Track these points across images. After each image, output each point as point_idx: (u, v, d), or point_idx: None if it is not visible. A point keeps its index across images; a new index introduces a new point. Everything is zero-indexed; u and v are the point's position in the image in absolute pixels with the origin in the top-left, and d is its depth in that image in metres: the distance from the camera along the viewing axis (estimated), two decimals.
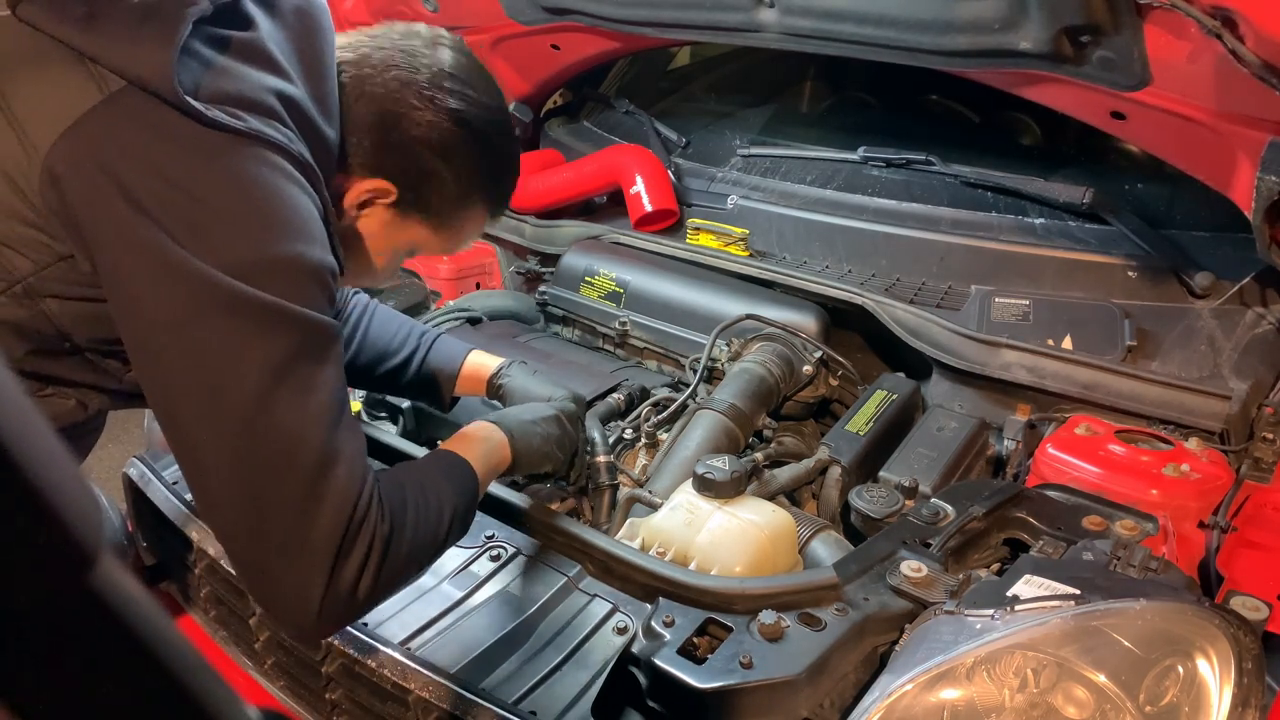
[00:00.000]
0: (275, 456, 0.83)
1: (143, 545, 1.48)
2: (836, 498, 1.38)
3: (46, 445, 0.28)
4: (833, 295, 1.69)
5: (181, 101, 0.83)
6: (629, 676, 1.00)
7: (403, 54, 1.07)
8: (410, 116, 1.05)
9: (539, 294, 1.96)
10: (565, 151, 2.26)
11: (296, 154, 0.90)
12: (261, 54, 0.92)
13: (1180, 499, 1.21)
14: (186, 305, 0.82)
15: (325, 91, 0.99)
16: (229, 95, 0.87)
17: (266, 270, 0.84)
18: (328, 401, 0.86)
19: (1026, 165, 1.86)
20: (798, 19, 1.60)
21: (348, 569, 0.85)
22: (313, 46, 1.00)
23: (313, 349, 0.86)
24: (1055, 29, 1.34)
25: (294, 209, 0.88)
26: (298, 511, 0.83)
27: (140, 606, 0.30)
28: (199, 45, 0.87)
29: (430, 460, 1.07)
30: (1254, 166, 1.30)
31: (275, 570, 0.84)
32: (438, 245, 1.18)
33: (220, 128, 0.85)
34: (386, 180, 1.07)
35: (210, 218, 0.83)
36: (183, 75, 0.84)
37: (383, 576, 0.88)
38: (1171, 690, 0.83)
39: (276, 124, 0.90)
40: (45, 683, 0.29)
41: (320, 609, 0.84)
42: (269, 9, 0.98)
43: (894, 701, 0.87)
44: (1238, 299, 1.53)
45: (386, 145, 1.06)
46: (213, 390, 0.82)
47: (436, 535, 0.96)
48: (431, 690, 1.01)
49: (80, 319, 0.94)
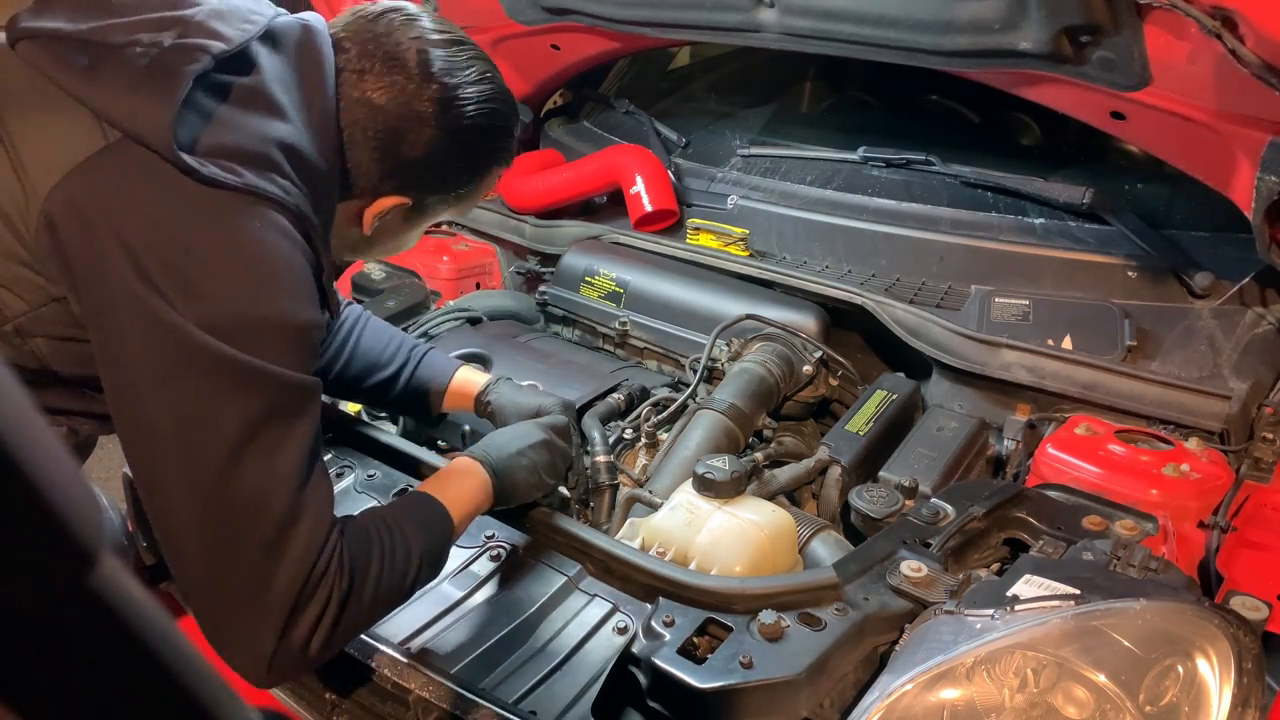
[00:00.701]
0: (240, 513, 0.84)
1: (143, 545, 1.48)
2: (836, 498, 1.38)
3: (46, 445, 0.28)
4: (833, 295, 1.69)
5: (178, 160, 0.84)
6: (629, 676, 1.00)
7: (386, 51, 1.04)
8: (413, 132, 1.06)
9: (539, 294, 1.96)
10: (565, 151, 2.26)
11: (292, 208, 0.92)
12: (263, 99, 0.93)
13: (1180, 499, 1.21)
14: (167, 361, 0.83)
15: (325, 122, 1.00)
16: (226, 149, 0.88)
17: (249, 330, 0.85)
18: (298, 460, 0.87)
19: (1026, 165, 1.86)
20: (798, 19, 1.60)
21: (301, 626, 0.87)
22: (314, 77, 1.00)
23: (287, 408, 0.87)
24: (1055, 29, 1.34)
25: (285, 266, 0.90)
26: (257, 567, 0.85)
27: (140, 606, 0.30)
28: (199, 95, 0.88)
29: (403, 504, 1.07)
30: (1254, 166, 1.30)
31: (229, 621, 0.86)
32: (458, 212, 1.23)
33: (216, 185, 0.86)
34: (400, 195, 1.10)
35: (200, 274, 0.84)
36: (181, 130, 0.85)
37: (337, 632, 0.90)
38: (1171, 690, 0.83)
39: (273, 175, 0.91)
40: (45, 683, 0.29)
41: (270, 663, 0.86)
42: (272, 44, 0.99)
43: (894, 701, 0.87)
44: (1238, 299, 1.53)
45: (394, 165, 1.07)
46: (185, 445, 0.84)
47: (402, 584, 0.97)
48: (431, 690, 1.01)
49: (68, 358, 0.95)
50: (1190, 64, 1.27)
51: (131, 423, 0.86)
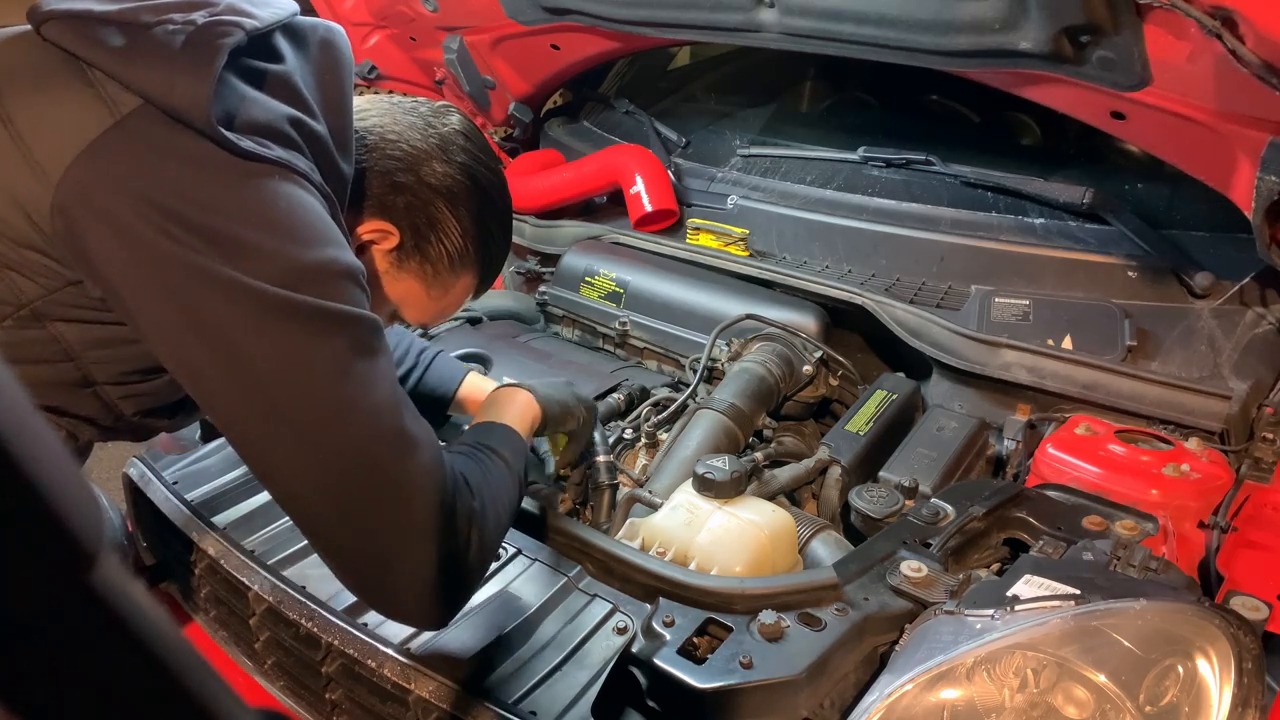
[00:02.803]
0: (358, 457, 0.83)
1: (143, 545, 1.48)
2: (836, 498, 1.38)
3: (46, 445, 0.28)
4: (833, 295, 1.69)
5: (215, 133, 0.84)
6: (629, 676, 1.00)
7: (415, 114, 1.12)
8: (425, 164, 1.09)
9: (539, 294, 1.96)
10: (565, 151, 2.26)
11: (318, 183, 0.93)
12: (289, 89, 0.95)
13: (1180, 499, 1.21)
14: (244, 321, 0.82)
15: (344, 127, 1.01)
16: (257, 125, 0.89)
17: (309, 276, 0.84)
18: (390, 391, 0.87)
19: (1026, 165, 1.86)
20: (798, 19, 1.60)
21: (455, 550, 0.87)
22: (335, 81, 1.02)
23: (366, 344, 0.87)
24: (1055, 29, 1.34)
25: (321, 219, 0.90)
26: (393, 507, 0.84)
27: (140, 606, 0.30)
28: (230, 75, 0.89)
29: (481, 431, 1.09)
30: (1254, 166, 1.30)
31: (387, 572, 0.85)
32: (424, 307, 1.19)
33: (249, 156, 0.86)
34: (390, 223, 1.09)
35: (245, 233, 0.84)
36: (215, 105, 0.85)
37: (485, 548, 0.92)
38: (1171, 690, 0.83)
39: (298, 154, 0.92)
40: (45, 683, 0.29)
41: (440, 595, 0.87)
42: (296, 41, 1.00)
43: (894, 701, 0.87)
44: (1238, 299, 1.53)
45: (397, 187, 1.08)
46: (284, 401, 0.82)
47: (513, 500, 1.02)
48: (431, 690, 1.01)
49: (89, 342, 0.95)
50: (1190, 64, 1.27)
51: (219, 398, 0.84)
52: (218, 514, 1.31)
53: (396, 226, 1.09)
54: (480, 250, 1.16)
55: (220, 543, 1.25)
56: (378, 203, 1.08)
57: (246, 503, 1.34)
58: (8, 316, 0.91)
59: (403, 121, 1.11)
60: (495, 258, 1.20)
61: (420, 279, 1.14)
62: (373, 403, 0.84)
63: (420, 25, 2.20)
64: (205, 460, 1.42)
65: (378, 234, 1.09)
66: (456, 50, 2.19)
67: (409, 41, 2.30)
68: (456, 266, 1.15)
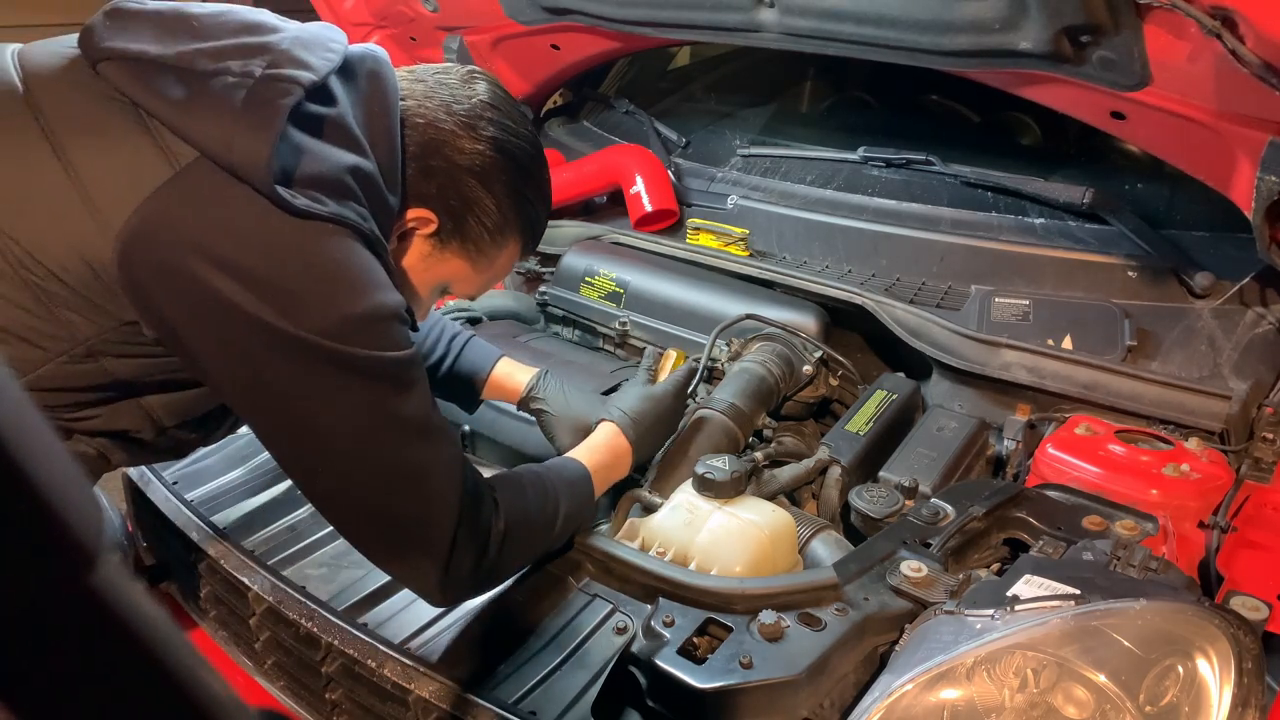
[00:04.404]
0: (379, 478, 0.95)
1: (143, 545, 1.48)
2: (836, 498, 1.37)
3: (46, 445, 0.28)
4: (833, 295, 1.69)
5: (274, 194, 0.86)
6: (629, 676, 1.00)
7: (443, 87, 1.10)
8: (453, 144, 1.07)
9: (539, 294, 1.96)
10: (565, 151, 2.26)
11: (368, 232, 0.95)
12: (345, 132, 0.96)
13: (1180, 499, 1.21)
14: (291, 367, 0.90)
15: (392, 158, 1.02)
16: (312, 179, 0.91)
17: (355, 327, 0.90)
18: (419, 422, 0.97)
19: (1026, 165, 1.86)
20: (798, 19, 1.60)
21: (464, 559, 0.98)
22: (383, 115, 1.02)
23: (403, 383, 0.95)
24: (1055, 29, 1.33)
25: (367, 267, 0.94)
26: (409, 517, 0.96)
27: (140, 606, 0.30)
28: (288, 126, 0.89)
29: (551, 463, 1.19)
30: (1254, 166, 1.30)
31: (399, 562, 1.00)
32: (472, 281, 1.20)
33: (304, 214, 0.88)
34: (428, 209, 1.09)
35: (297, 287, 0.88)
36: (274, 163, 0.86)
37: (501, 561, 1.03)
38: (1171, 690, 0.83)
39: (351, 204, 0.94)
40: (45, 683, 0.29)
41: (442, 591, 0.99)
42: (346, 77, 1.01)
43: (894, 701, 0.87)
44: (1238, 299, 1.53)
45: (429, 171, 1.07)
46: (318, 434, 0.93)
47: (552, 528, 1.10)
48: (431, 690, 1.01)
49: (140, 371, 0.98)
50: (1190, 64, 1.27)
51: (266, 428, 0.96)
52: (218, 514, 1.31)
53: (433, 212, 1.09)
54: (520, 219, 1.15)
55: (220, 543, 1.26)
56: (413, 191, 1.07)
57: (246, 503, 1.34)
58: (62, 354, 0.93)
59: (430, 101, 1.08)
60: (536, 223, 1.19)
61: (464, 257, 1.14)
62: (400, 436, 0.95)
63: (420, 25, 2.20)
64: (205, 460, 1.42)
65: (417, 221, 1.09)
66: (456, 50, 2.19)
67: (409, 41, 2.30)
68: (498, 239, 1.14)
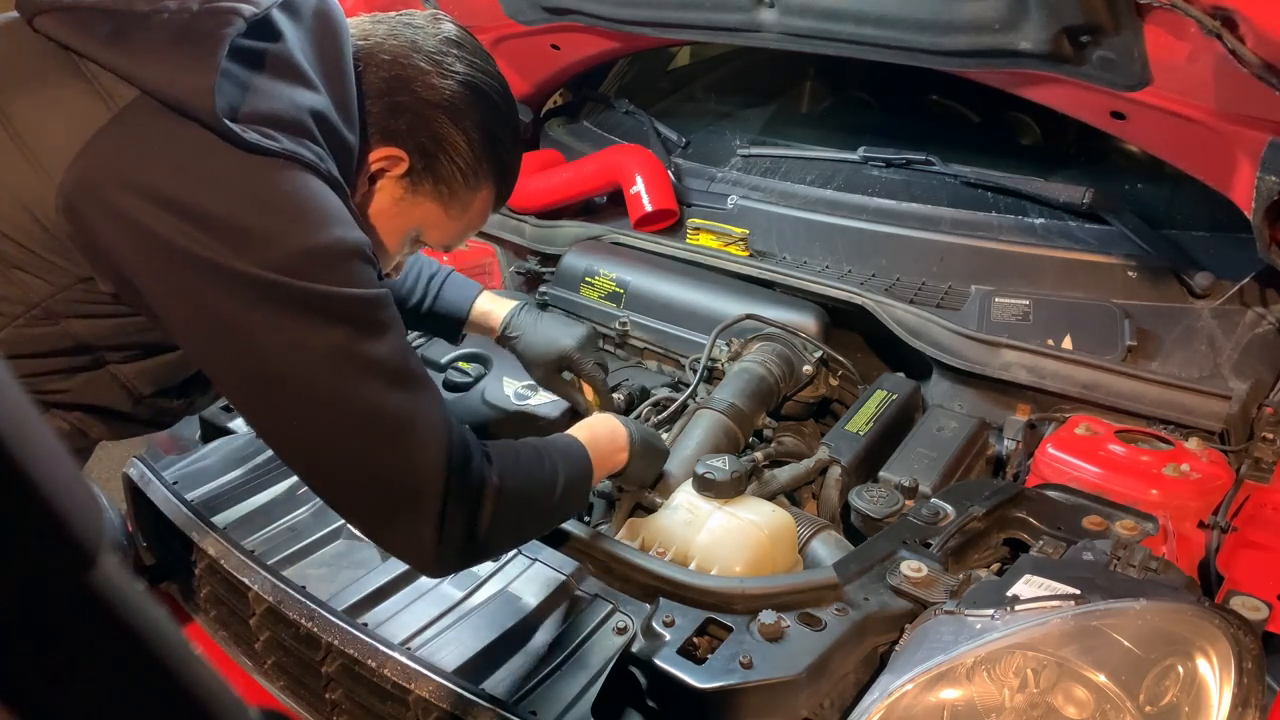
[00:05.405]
0: (358, 431, 0.88)
1: (143, 545, 1.48)
2: (836, 498, 1.38)
3: (46, 445, 0.28)
4: (833, 295, 1.69)
5: (221, 126, 0.83)
6: (629, 676, 1.00)
7: (408, 27, 1.08)
8: (420, 79, 1.05)
9: (539, 294, 1.96)
10: (565, 151, 2.26)
11: (325, 172, 0.92)
12: (292, 67, 0.93)
13: (1180, 499, 1.21)
14: (250, 310, 0.84)
15: (346, 95, 1.00)
16: (263, 115, 0.88)
17: (313, 261, 0.86)
18: (393, 367, 0.90)
19: (1026, 165, 1.86)
20: (797, 19, 1.60)
21: (457, 521, 0.91)
22: (334, 49, 1.00)
23: (370, 324, 0.89)
24: (1055, 29, 1.34)
25: (325, 200, 0.90)
26: (394, 474, 0.89)
27: (140, 606, 0.30)
28: (231, 61, 0.87)
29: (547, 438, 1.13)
30: (1254, 166, 1.30)
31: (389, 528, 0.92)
32: (445, 227, 1.17)
33: (254, 149, 0.85)
34: (398, 148, 1.06)
35: (249, 223, 0.84)
36: (218, 97, 0.83)
37: (498, 524, 0.95)
38: (1171, 690, 0.83)
39: (307, 142, 0.91)
40: (45, 682, 0.29)
41: (436, 555, 0.92)
42: (291, 13, 0.98)
43: (894, 701, 0.87)
44: (1238, 299, 1.53)
45: (396, 108, 1.05)
46: (289, 384, 0.86)
47: (550, 493, 1.03)
48: (431, 690, 1.01)
49: (105, 332, 0.95)
50: (1190, 64, 1.27)
51: (233, 380, 0.90)
52: (218, 514, 1.30)
53: (403, 150, 1.07)
54: (492, 160, 1.13)
55: (220, 543, 1.25)
56: (380, 129, 1.05)
57: (246, 503, 1.34)
58: (19, 316, 0.90)
59: (394, 39, 1.07)
60: (509, 166, 1.17)
61: (437, 200, 1.12)
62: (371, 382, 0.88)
63: None
64: (205, 460, 1.42)
65: (387, 161, 1.07)
66: None
67: None
68: (471, 181, 1.12)
